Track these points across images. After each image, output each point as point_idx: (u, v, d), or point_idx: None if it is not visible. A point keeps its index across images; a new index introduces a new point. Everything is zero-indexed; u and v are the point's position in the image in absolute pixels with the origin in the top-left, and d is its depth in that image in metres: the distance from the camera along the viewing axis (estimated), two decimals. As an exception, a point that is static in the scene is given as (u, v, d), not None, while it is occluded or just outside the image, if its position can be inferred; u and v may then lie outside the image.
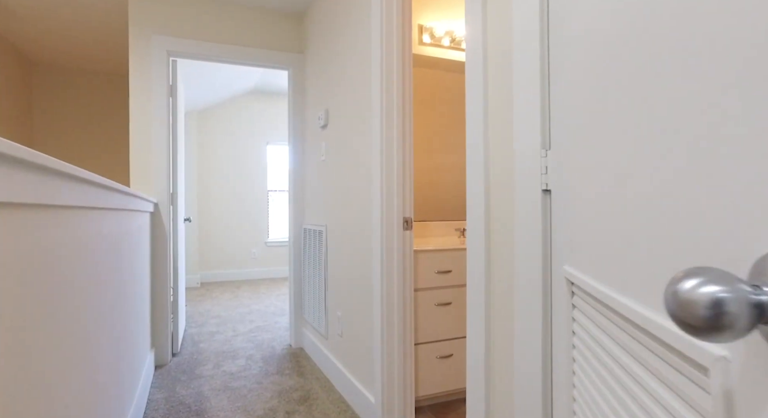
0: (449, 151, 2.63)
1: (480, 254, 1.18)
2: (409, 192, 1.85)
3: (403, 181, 1.83)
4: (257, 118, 6.13)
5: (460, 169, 2.66)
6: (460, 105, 2.66)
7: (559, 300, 0.88)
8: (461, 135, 2.66)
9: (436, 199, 2.62)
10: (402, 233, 1.83)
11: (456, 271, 2.08)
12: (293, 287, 3.07)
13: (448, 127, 2.63)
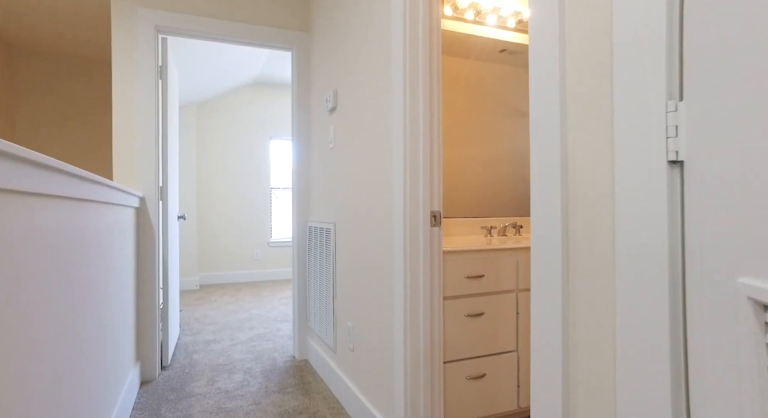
0: (471, 143, 2.31)
1: (553, 249, 0.85)
2: (437, 182, 1.53)
3: (431, 168, 1.51)
4: (260, 111, 5.84)
5: (483, 163, 2.34)
6: (482, 94, 2.33)
7: (725, 328, 0.56)
8: (484, 126, 2.34)
9: (459, 195, 2.30)
10: (429, 230, 1.51)
11: (489, 276, 1.76)
12: (297, 293, 2.75)
13: (470, 117, 2.31)
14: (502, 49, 2.35)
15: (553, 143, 0.85)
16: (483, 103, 2.31)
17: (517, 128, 2.37)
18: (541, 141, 0.88)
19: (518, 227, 2.33)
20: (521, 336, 1.82)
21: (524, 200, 2.44)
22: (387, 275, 1.68)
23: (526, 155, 2.46)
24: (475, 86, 2.29)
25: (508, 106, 2.33)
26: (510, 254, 1.81)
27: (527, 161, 2.45)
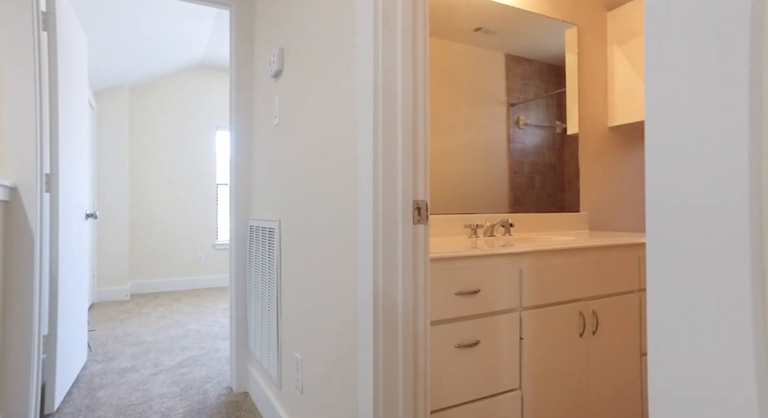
0: (448, 132, 1.88)
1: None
2: (423, 160, 1.06)
3: (413, 140, 1.04)
4: (205, 98, 5.18)
5: (463, 154, 1.91)
6: (458, 80, 1.91)
7: None
8: (461, 115, 1.91)
9: (437, 189, 1.86)
10: (411, 229, 1.03)
11: (486, 291, 1.31)
12: (235, 309, 2.21)
13: (445, 104, 1.87)
14: (477, 26, 1.94)
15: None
16: (458, 90, 1.88)
17: (495, 118, 1.96)
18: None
19: (508, 226, 1.91)
20: (526, 369, 1.38)
21: (512, 195, 2.02)
22: (350, 292, 1.19)
23: (507, 147, 2.05)
24: (449, 70, 1.87)
25: (484, 93, 1.93)
26: (511, 261, 1.37)
27: (513, 153, 2.04)
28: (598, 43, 2.38)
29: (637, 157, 2.51)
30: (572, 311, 1.47)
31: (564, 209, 2.15)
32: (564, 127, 2.13)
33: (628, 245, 1.63)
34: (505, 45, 1.98)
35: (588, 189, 2.32)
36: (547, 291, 1.42)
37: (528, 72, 2.06)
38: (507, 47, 1.98)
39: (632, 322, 1.62)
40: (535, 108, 2.08)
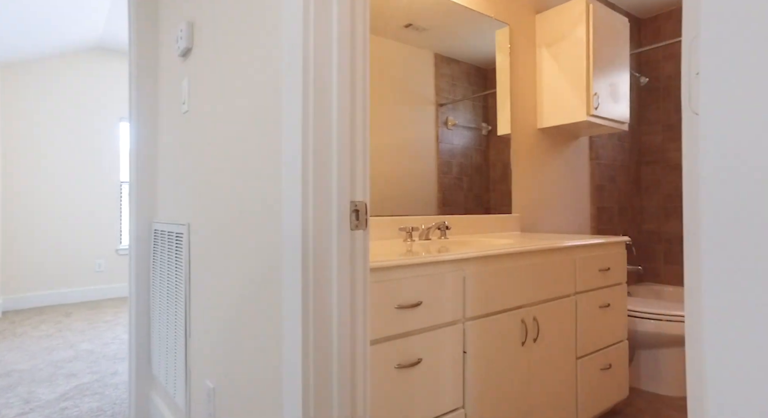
0: (379, 131, 1.75)
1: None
2: (362, 157, 0.89)
3: (351, 133, 0.87)
4: (105, 85, 4.57)
5: (394, 154, 1.80)
6: (388, 77, 1.80)
7: None
8: (392, 113, 1.80)
9: (371, 190, 1.72)
10: (349, 235, 0.86)
11: (428, 302, 1.18)
12: (136, 324, 1.88)
13: (376, 102, 1.75)
14: (408, 23, 1.84)
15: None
16: (388, 88, 1.77)
17: (425, 117, 1.89)
18: None
19: (444, 229, 1.82)
20: (470, 385, 1.27)
21: (441, 197, 1.95)
22: (274, 308, 0.99)
23: (436, 147, 1.98)
24: (378, 67, 1.75)
25: (414, 92, 1.85)
26: (455, 268, 1.25)
27: (442, 153, 1.97)
28: (528, 44, 2.38)
29: (564, 159, 2.56)
30: (515, 318, 1.40)
31: (490, 211, 2.11)
32: (489, 128, 2.11)
33: (566, 248, 1.60)
34: (434, 44, 1.93)
35: (519, 190, 2.31)
36: (491, 299, 1.33)
37: (456, 73, 2.01)
38: (436, 47, 1.92)
39: (569, 326, 1.60)
40: (463, 109, 2.03)
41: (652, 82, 3.15)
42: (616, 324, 1.82)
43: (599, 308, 1.73)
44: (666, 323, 2.02)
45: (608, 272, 1.78)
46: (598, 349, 1.73)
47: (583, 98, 2.20)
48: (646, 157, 3.18)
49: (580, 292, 1.65)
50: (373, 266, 1.06)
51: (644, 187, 3.19)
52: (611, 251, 1.82)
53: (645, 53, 3.19)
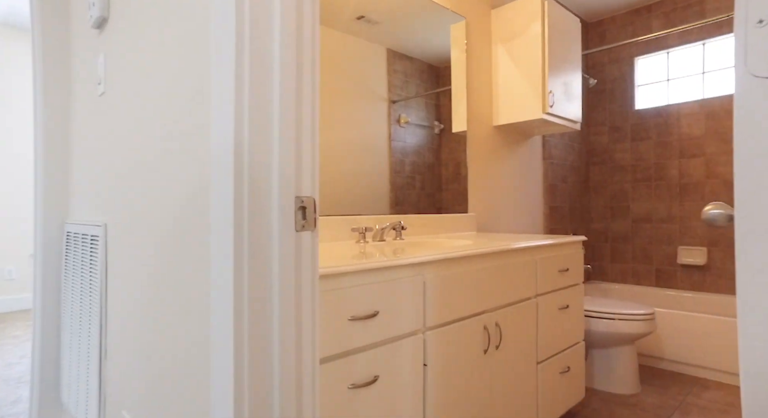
0: (329, 126, 1.63)
1: None
2: (310, 145, 0.74)
3: (296, 116, 0.72)
4: (12, 68, 4.06)
5: (346, 151, 1.69)
6: (339, 71, 1.69)
7: None
8: (343, 109, 1.69)
9: (321, 188, 1.58)
10: (294, 237, 0.71)
11: (385, 312, 1.05)
12: (41, 342, 1.61)
13: (326, 96, 1.63)
14: (360, 14, 1.73)
15: None
16: (339, 82, 1.66)
17: (377, 114, 1.79)
18: None
19: (400, 229, 1.70)
20: (431, 402, 1.16)
21: (393, 196, 1.84)
22: (201, 329, 0.82)
23: (388, 145, 1.88)
24: (328, 60, 1.64)
25: (366, 88, 1.76)
26: (414, 273, 1.13)
27: (394, 152, 1.88)
28: (484, 39, 2.32)
29: (519, 158, 2.53)
30: (477, 325, 1.30)
31: (442, 210, 2.04)
32: (442, 127, 2.05)
33: (528, 249, 1.53)
34: (387, 39, 1.83)
35: (475, 189, 2.24)
36: (453, 305, 1.22)
37: (409, 70, 1.92)
38: (389, 42, 1.84)
39: (530, 330, 1.53)
40: (416, 107, 1.95)
41: (598, 84, 3.22)
42: (574, 325, 1.78)
43: (559, 309, 1.68)
44: (619, 322, 2.02)
45: (567, 273, 1.74)
46: (558, 352, 1.68)
47: (539, 96, 2.16)
48: (594, 158, 3.25)
49: (540, 294, 1.59)
50: (323, 273, 0.91)
51: (592, 187, 3.26)
52: (569, 250, 1.78)
53: (591, 56, 3.26)
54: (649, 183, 2.99)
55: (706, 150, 2.77)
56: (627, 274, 3.09)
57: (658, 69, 3.01)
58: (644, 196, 3.00)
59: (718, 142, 2.73)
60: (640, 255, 3.03)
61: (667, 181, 2.91)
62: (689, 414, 1.90)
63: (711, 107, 2.75)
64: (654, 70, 3.03)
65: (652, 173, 2.97)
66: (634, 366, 2.10)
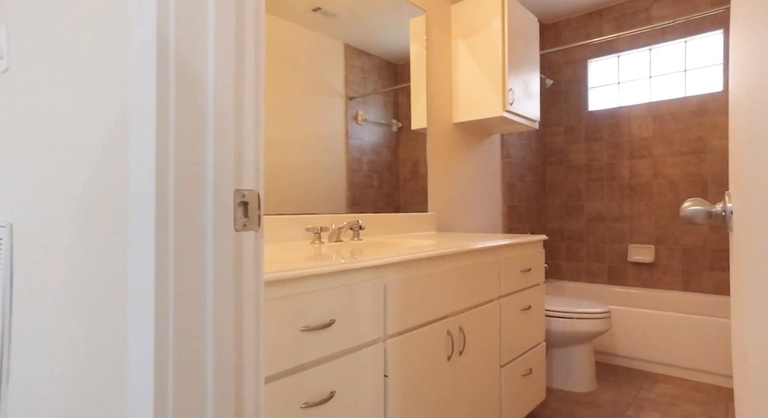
0: (283, 121, 1.55)
1: None
2: (253, 130, 0.63)
3: (236, 93, 0.60)
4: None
5: (300, 147, 1.60)
6: (294, 65, 1.59)
7: None
8: (298, 104, 1.60)
9: (274, 185, 1.47)
10: (233, 238, 0.60)
11: (343, 320, 0.95)
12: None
13: (280, 90, 1.54)
14: (316, 6, 1.64)
15: None
16: (294, 77, 1.58)
17: (334, 110, 1.72)
18: None
19: (358, 229, 1.60)
20: (393, 415, 1.07)
21: (351, 195, 1.76)
22: (117, 349, 0.68)
23: (345, 142, 1.79)
24: (283, 54, 1.56)
25: (322, 83, 1.68)
26: (374, 276, 1.04)
27: (351, 149, 1.81)
28: (444, 35, 2.27)
29: (478, 157, 2.51)
30: (440, 330, 1.22)
31: (400, 210, 1.97)
32: (400, 125, 1.98)
33: (491, 249, 1.48)
34: (345, 33, 1.76)
35: (435, 188, 2.18)
36: (415, 310, 1.14)
37: (367, 66, 1.85)
38: (347, 36, 1.76)
39: (494, 333, 1.47)
40: (374, 104, 1.87)
41: (554, 85, 3.27)
42: (535, 326, 1.76)
43: (521, 310, 1.64)
44: (577, 321, 2.03)
45: (529, 273, 1.71)
46: (520, 354, 1.64)
47: (499, 93, 2.13)
48: (550, 158, 3.29)
49: (504, 295, 1.54)
50: (272, 279, 0.80)
51: (548, 187, 3.30)
52: (531, 250, 1.75)
53: (547, 57, 3.30)
54: (602, 183, 3.06)
55: (654, 151, 2.87)
56: (581, 272, 3.15)
57: (610, 72, 3.09)
58: (597, 195, 3.08)
59: (664, 144, 2.83)
60: (594, 253, 3.10)
61: (619, 181, 2.99)
62: (643, 409, 1.93)
63: (658, 110, 2.85)
64: (606, 73, 3.11)
65: (605, 173, 3.05)
66: (591, 364, 2.12)
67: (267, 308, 0.80)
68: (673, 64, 2.86)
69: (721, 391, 2.10)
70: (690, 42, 2.80)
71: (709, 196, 2.69)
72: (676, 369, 2.27)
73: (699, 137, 2.72)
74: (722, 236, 2.64)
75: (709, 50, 2.74)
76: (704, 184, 2.70)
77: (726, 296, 2.61)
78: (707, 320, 2.18)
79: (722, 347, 2.13)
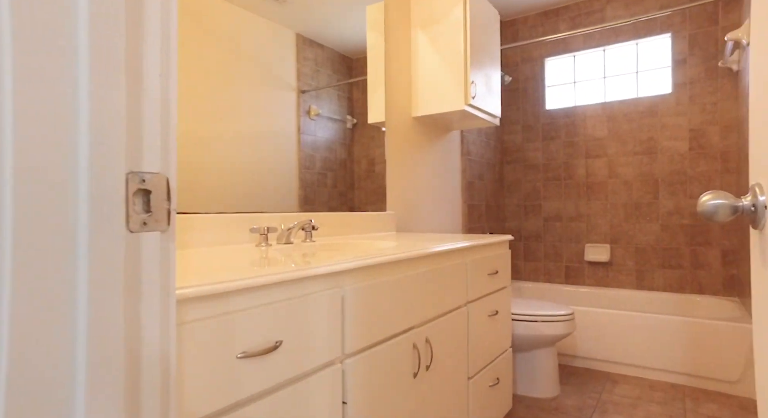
0: (235, 117, 1.40)
1: None
2: (158, 91, 0.44)
3: (137, 36, 0.42)
4: None
5: (247, 143, 1.45)
6: (242, 54, 1.44)
7: None
8: (245, 96, 1.44)
9: (212, 181, 1.27)
10: (124, 241, 0.41)
11: (291, 340, 0.77)
12: None
13: (225, 82, 1.37)
14: None
15: None
16: (241, 67, 1.44)
17: (285, 104, 1.58)
18: None
19: (311, 229, 1.43)
20: (352, 449, 0.90)
21: (303, 193, 1.61)
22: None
23: (297, 138, 1.63)
24: (230, 42, 1.41)
25: (272, 75, 1.53)
26: (330, 285, 0.87)
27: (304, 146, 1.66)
28: (403, 23, 2.14)
29: (438, 153, 2.39)
30: (405, 344, 1.08)
31: (355, 209, 1.83)
32: (355, 122, 1.84)
33: (459, 251, 1.35)
34: (297, 22, 1.61)
35: (394, 185, 2.04)
36: (377, 323, 0.98)
37: (320, 58, 1.70)
38: (299, 26, 1.61)
39: (461, 343, 1.35)
40: (328, 99, 1.73)
41: (513, 83, 3.23)
42: (502, 332, 1.65)
43: (488, 316, 1.53)
44: (541, 324, 1.95)
45: (496, 276, 1.60)
46: (488, 363, 1.53)
47: (461, 86, 2.03)
48: (508, 157, 3.25)
49: (471, 301, 1.42)
50: (198, 294, 0.61)
51: (506, 186, 3.26)
52: (498, 251, 1.65)
53: (505, 54, 3.26)
54: (559, 182, 3.05)
55: (608, 151, 2.89)
56: (539, 272, 3.13)
57: (566, 71, 3.09)
58: (555, 195, 3.06)
59: (617, 143, 2.85)
60: (552, 253, 3.08)
61: (576, 180, 2.99)
62: (607, 412, 1.88)
63: (612, 110, 2.88)
64: (562, 72, 3.11)
65: (562, 172, 3.04)
66: (554, 368, 2.05)
67: (189, 334, 0.62)
68: (625, 65, 2.90)
69: (677, 389, 2.10)
70: (641, 44, 2.85)
71: (660, 195, 2.73)
72: (634, 369, 2.26)
73: (650, 138, 2.76)
74: (672, 234, 2.69)
75: (659, 53, 2.79)
76: (656, 184, 2.74)
77: (677, 294, 2.66)
78: (662, 318, 2.18)
79: (676, 345, 2.14)
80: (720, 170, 2.56)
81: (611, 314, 2.30)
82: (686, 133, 2.66)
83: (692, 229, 2.64)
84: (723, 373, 2.04)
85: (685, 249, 2.66)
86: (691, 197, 2.64)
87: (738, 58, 2.42)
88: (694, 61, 2.63)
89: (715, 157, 2.58)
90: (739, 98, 2.43)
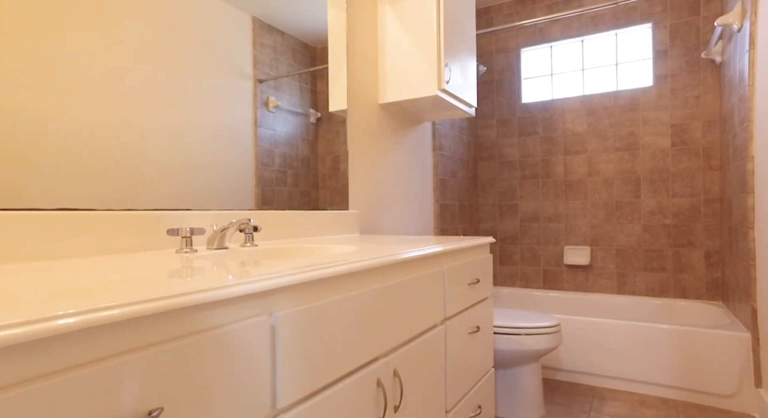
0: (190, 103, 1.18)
1: None
2: None
3: None
4: None
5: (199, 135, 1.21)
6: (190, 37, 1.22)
7: None
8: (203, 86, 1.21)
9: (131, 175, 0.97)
10: None
11: (185, 402, 0.49)
12: None
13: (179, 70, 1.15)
14: None
15: None
16: (190, 52, 1.23)
17: (239, 93, 1.36)
18: None
19: (251, 231, 1.14)
20: None
21: (260, 192, 1.39)
22: None
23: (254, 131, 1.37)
24: (177, 24, 1.17)
25: (225, 61, 1.32)
26: (255, 309, 0.60)
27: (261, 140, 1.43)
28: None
29: (408, 146, 2.14)
30: (367, 382, 0.81)
31: (318, 209, 1.58)
32: (319, 116, 1.61)
33: (435, 256, 1.10)
34: (253, 4, 1.42)
35: (357, 181, 1.77)
36: (326, 359, 0.71)
37: (280, 46, 1.48)
38: (256, 9, 1.42)
39: (438, 370, 1.09)
40: (288, 90, 1.50)
41: (487, 74, 3.03)
42: (484, 351, 1.41)
43: (469, 334, 1.28)
44: (524, 337, 1.73)
45: (477, 285, 1.35)
46: (468, 390, 1.28)
47: (434, 69, 1.79)
48: (482, 153, 3.05)
49: (449, 317, 1.17)
50: (9, 340, 0.33)
51: (480, 185, 3.05)
52: (479, 256, 1.41)
53: (480, 44, 3.06)
54: (537, 180, 2.86)
55: (588, 147, 2.72)
56: (516, 276, 2.93)
57: (543, 63, 2.92)
58: (532, 194, 2.87)
59: (597, 139, 2.70)
60: (529, 256, 2.89)
61: (554, 178, 2.81)
62: (596, 435, 1.68)
63: (591, 104, 2.72)
64: (539, 64, 2.93)
65: (539, 170, 2.86)
66: (538, 386, 1.83)
67: (25, 405, 0.33)
68: (605, 56, 2.75)
69: (669, 404, 1.93)
70: (621, 35, 2.70)
71: (641, 194, 2.58)
72: (622, 382, 2.07)
73: (631, 133, 2.61)
74: (655, 235, 2.55)
75: (639, 44, 2.65)
76: (637, 182, 2.59)
77: (660, 298, 2.51)
78: (650, 327, 2.01)
79: (666, 356, 1.97)
80: (702, 167, 2.43)
81: (596, 322, 2.11)
82: (668, 128, 2.52)
83: (675, 229, 2.50)
84: (717, 386, 1.87)
85: (668, 251, 2.51)
86: (674, 196, 2.50)
87: (721, 49, 2.30)
88: (676, 53, 2.49)
89: (698, 153, 2.45)
90: (723, 92, 2.30)
